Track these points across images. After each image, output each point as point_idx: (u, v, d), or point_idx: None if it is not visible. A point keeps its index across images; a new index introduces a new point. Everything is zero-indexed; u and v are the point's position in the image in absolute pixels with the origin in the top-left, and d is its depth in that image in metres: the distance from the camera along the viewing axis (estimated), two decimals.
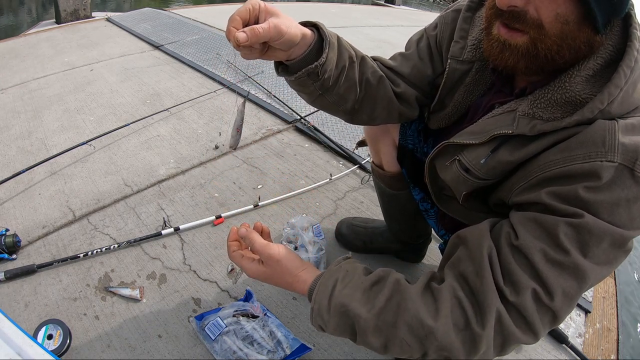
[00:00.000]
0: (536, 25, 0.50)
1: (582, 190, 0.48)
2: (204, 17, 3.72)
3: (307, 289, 0.62)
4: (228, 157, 1.73)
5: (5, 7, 6.89)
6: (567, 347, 1.07)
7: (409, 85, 0.79)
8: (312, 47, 0.61)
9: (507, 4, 0.50)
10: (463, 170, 0.64)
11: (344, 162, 1.74)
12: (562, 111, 0.53)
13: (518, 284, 0.48)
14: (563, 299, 0.48)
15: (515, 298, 0.48)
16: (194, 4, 6.82)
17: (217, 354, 0.95)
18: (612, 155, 0.47)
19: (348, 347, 1.02)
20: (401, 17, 5.61)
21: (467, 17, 0.71)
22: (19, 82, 2.38)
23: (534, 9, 0.50)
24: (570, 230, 0.48)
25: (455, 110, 0.76)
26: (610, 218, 0.47)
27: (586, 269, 0.47)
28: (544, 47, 0.51)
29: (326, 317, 0.57)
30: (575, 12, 0.48)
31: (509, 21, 0.52)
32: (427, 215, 0.99)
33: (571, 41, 0.50)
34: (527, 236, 0.50)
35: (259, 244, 0.64)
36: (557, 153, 0.52)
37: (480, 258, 0.52)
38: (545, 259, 0.48)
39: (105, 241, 1.29)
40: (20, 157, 1.68)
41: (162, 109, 2.00)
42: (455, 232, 0.62)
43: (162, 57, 2.77)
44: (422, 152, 0.92)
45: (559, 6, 0.48)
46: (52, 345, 0.96)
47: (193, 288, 1.15)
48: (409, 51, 0.81)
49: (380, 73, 0.74)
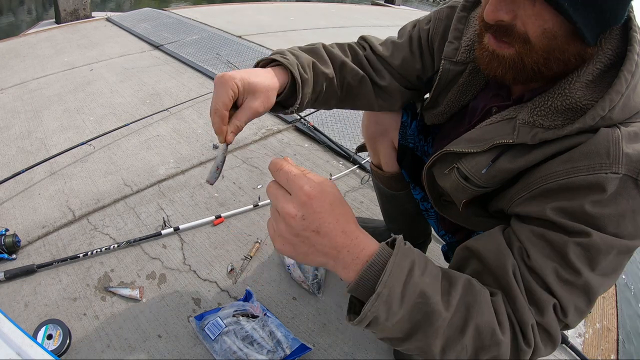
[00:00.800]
0: (523, 40, 0.50)
1: (588, 205, 0.48)
2: (204, 17, 3.72)
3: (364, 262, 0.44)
4: (228, 157, 1.73)
5: (5, 7, 6.89)
6: (567, 347, 1.07)
7: (395, 77, 0.81)
8: (286, 91, 0.66)
9: (493, 18, 0.50)
10: (462, 178, 0.63)
11: (343, 162, 1.74)
12: (563, 118, 0.52)
13: (541, 302, 0.49)
14: (575, 314, 0.50)
15: (541, 318, 0.49)
16: (194, 4, 6.82)
17: (217, 353, 0.95)
18: (617, 167, 0.47)
19: (348, 347, 1.02)
20: (401, 17, 5.61)
21: (461, 17, 0.71)
22: (18, 82, 2.38)
23: (521, 24, 0.49)
24: (579, 250, 0.48)
25: (449, 108, 0.76)
26: (616, 230, 0.48)
27: (595, 284, 0.49)
28: (530, 60, 0.51)
29: (395, 308, 0.43)
30: (562, 28, 0.47)
31: (497, 34, 0.52)
32: (427, 215, 0.99)
33: (559, 54, 0.50)
34: (538, 256, 0.50)
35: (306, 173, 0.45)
36: (560, 164, 0.51)
37: (507, 277, 0.51)
38: (559, 279, 0.49)
39: (105, 241, 1.29)
40: (20, 157, 1.68)
41: (161, 109, 2.01)
42: (464, 244, 0.60)
43: (162, 57, 2.77)
44: (422, 151, 0.92)
45: (546, 22, 0.47)
46: (52, 345, 0.96)
47: (193, 288, 1.15)
48: (401, 40, 0.81)
49: (360, 74, 0.78)
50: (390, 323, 0.45)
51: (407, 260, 0.45)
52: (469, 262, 0.57)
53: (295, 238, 0.43)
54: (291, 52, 0.70)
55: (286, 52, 0.69)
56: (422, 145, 0.92)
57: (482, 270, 0.54)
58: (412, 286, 0.44)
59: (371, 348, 1.02)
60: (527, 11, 0.48)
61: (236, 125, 0.60)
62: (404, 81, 0.82)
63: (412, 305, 0.44)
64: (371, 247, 0.46)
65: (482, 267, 0.54)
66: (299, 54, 0.70)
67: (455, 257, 0.61)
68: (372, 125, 0.96)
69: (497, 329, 0.47)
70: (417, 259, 0.46)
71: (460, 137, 0.65)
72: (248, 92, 0.60)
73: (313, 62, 0.71)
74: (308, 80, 0.68)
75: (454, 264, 0.61)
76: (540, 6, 0.46)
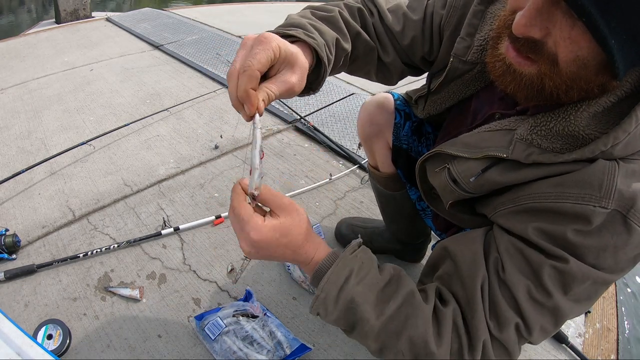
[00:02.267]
0: (551, 61, 0.44)
1: (570, 233, 0.47)
2: (204, 17, 3.72)
3: (313, 268, 0.55)
4: (228, 157, 1.73)
5: (5, 7, 6.89)
6: (567, 347, 1.07)
7: (400, 55, 0.76)
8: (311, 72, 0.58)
9: (524, 33, 0.43)
10: (451, 180, 0.63)
11: (343, 162, 1.74)
12: (562, 143, 0.49)
13: (503, 318, 0.50)
14: (539, 334, 0.51)
15: (499, 334, 0.50)
16: (194, 4, 6.82)
17: (217, 353, 0.95)
18: (607, 202, 0.45)
19: (348, 347, 1.02)
20: None
21: (478, 10, 0.65)
22: (18, 82, 2.38)
23: (552, 43, 0.43)
24: (554, 273, 0.48)
25: (448, 98, 0.74)
26: (595, 262, 0.47)
27: (565, 309, 0.49)
28: (551, 84, 0.46)
29: (330, 308, 0.53)
30: (597, 58, 0.42)
31: (522, 48, 0.46)
32: (424, 214, 0.99)
33: (584, 84, 0.45)
34: (514, 271, 0.50)
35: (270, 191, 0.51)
36: (550, 186, 0.50)
37: (473, 289, 0.52)
38: (529, 296, 0.49)
39: (105, 241, 1.29)
40: (20, 157, 1.68)
41: (161, 109, 2.00)
42: (441, 242, 0.60)
43: (162, 57, 2.77)
44: (416, 151, 0.92)
45: (581, 49, 0.41)
46: (52, 345, 0.96)
47: (193, 288, 1.15)
48: (415, 17, 0.74)
49: (371, 45, 0.73)
50: (329, 319, 0.54)
51: (345, 269, 0.53)
52: (443, 261, 0.59)
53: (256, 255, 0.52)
54: (313, 25, 0.61)
55: (308, 26, 0.60)
56: (416, 145, 0.92)
57: (453, 273, 0.55)
58: (345, 292, 0.52)
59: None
60: (564, 33, 0.41)
61: (268, 93, 0.48)
62: (407, 59, 0.77)
63: (344, 308, 0.52)
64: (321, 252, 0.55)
65: (454, 271, 0.55)
66: (323, 30, 0.62)
67: (433, 253, 0.62)
68: (367, 126, 0.96)
69: (431, 341, 0.50)
70: (357, 268, 0.53)
71: (457, 138, 0.64)
72: (287, 63, 0.51)
73: (337, 40, 0.64)
74: (332, 61, 0.62)
75: (430, 260, 0.62)
76: (579, 30, 0.40)
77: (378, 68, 0.78)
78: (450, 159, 0.63)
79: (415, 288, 0.55)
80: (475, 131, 0.62)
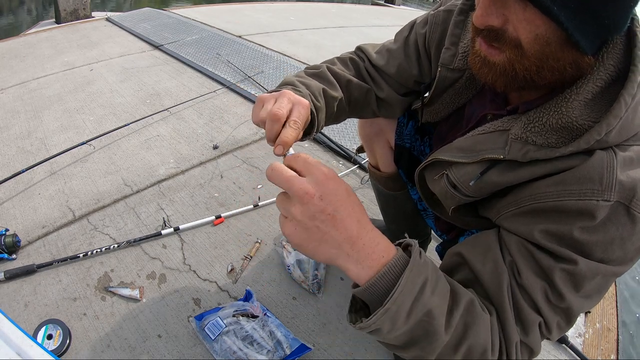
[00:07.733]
0: (514, 45, 0.47)
1: (576, 231, 0.47)
2: (204, 17, 3.72)
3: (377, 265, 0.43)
4: (228, 157, 1.73)
5: (5, 7, 6.89)
6: (567, 347, 1.07)
7: (392, 86, 0.81)
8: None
9: (483, 23, 0.47)
10: (451, 186, 0.63)
11: (343, 162, 1.74)
12: (558, 137, 0.50)
13: (527, 322, 0.51)
14: (557, 330, 0.53)
15: (525, 337, 0.51)
16: (194, 4, 6.82)
17: (217, 353, 0.95)
18: (609, 195, 0.45)
19: (348, 347, 1.02)
20: (401, 17, 5.60)
21: (459, 21, 0.68)
22: (18, 82, 2.38)
23: (513, 29, 0.46)
24: (564, 275, 0.49)
25: (443, 108, 0.76)
26: (603, 255, 0.48)
27: (577, 306, 0.51)
28: (521, 67, 0.48)
29: (399, 324, 0.44)
30: (556, 34, 0.44)
31: (488, 38, 0.49)
32: (425, 214, 0.99)
33: (553, 62, 0.47)
34: (529, 274, 0.51)
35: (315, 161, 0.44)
36: (551, 185, 0.50)
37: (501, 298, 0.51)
38: (546, 297, 0.50)
39: (105, 241, 1.29)
40: (20, 157, 1.68)
41: (161, 109, 2.00)
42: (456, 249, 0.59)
43: (162, 57, 2.77)
44: (419, 150, 0.92)
45: (538, 27, 0.44)
46: (52, 345, 0.96)
47: (193, 288, 1.15)
48: (396, 46, 0.80)
49: (366, 87, 0.80)
50: (390, 336, 0.46)
51: (420, 277, 0.44)
52: (460, 268, 0.58)
53: (309, 222, 0.41)
54: (300, 81, 0.70)
55: (295, 82, 0.68)
56: (419, 145, 0.92)
57: (474, 281, 0.55)
58: (421, 305, 0.44)
59: (371, 348, 1.02)
60: (519, 16, 0.44)
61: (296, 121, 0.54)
62: (401, 88, 0.81)
63: (416, 322, 0.45)
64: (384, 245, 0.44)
65: (475, 279, 0.55)
66: (309, 82, 0.70)
67: (446, 260, 0.61)
68: (367, 125, 0.96)
69: (489, 350, 0.49)
70: (430, 275, 0.46)
71: (452, 144, 0.64)
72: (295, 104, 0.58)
73: (323, 89, 0.72)
74: (321, 107, 0.69)
75: (444, 267, 0.61)
76: (532, 11, 0.43)
77: (378, 105, 0.84)
78: (448, 166, 0.63)
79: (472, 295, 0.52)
80: (470, 134, 0.63)
